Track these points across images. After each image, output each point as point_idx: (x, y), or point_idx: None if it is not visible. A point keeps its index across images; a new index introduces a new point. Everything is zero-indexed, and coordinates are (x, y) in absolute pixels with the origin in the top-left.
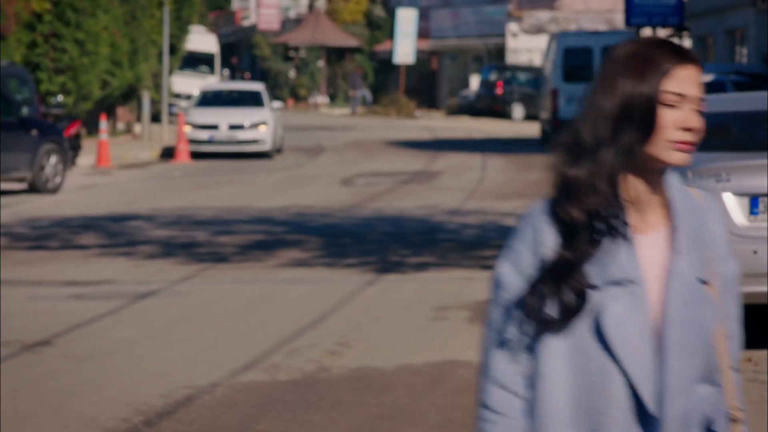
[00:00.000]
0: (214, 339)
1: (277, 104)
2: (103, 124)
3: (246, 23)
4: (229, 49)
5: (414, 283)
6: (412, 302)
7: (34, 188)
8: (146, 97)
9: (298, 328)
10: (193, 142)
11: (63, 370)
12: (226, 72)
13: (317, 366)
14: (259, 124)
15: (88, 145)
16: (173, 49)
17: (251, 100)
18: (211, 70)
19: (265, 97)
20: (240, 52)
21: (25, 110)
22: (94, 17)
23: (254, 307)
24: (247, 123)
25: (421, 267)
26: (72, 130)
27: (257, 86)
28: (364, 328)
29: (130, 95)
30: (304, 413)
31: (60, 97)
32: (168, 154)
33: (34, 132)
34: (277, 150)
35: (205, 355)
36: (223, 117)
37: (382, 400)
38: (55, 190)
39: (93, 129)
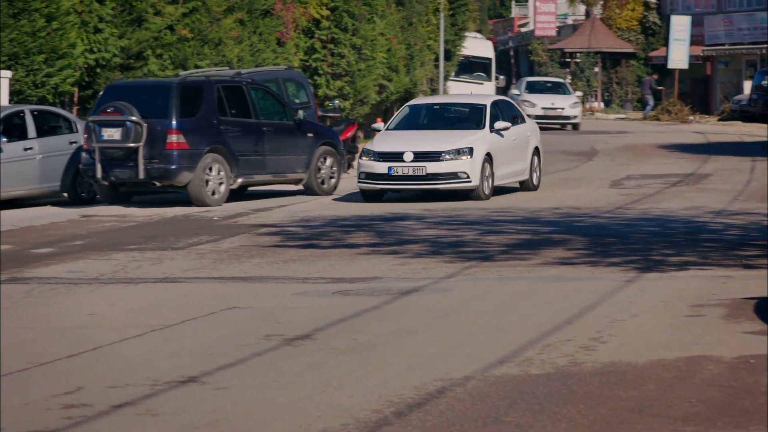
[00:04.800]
0: (472, 334)
1: (502, 124)
2: (379, 127)
3: (524, 30)
4: (506, 56)
5: (674, 281)
6: (670, 299)
7: (309, 190)
8: None
9: (555, 324)
10: (370, 177)
11: (323, 363)
12: (502, 78)
13: (570, 360)
14: (461, 154)
15: None
16: (449, 55)
17: (470, 120)
18: (488, 76)
19: (489, 115)
20: (518, 58)
21: (302, 114)
22: (371, 23)
23: (514, 303)
24: (442, 151)
25: (682, 266)
26: (348, 134)
27: (484, 100)
28: (619, 324)
29: (406, 99)
30: (553, 406)
31: (337, 102)
32: None
33: (311, 135)
34: (487, 188)
35: (461, 349)
36: (410, 143)
37: (631, 393)
38: (330, 192)
39: (370, 132)
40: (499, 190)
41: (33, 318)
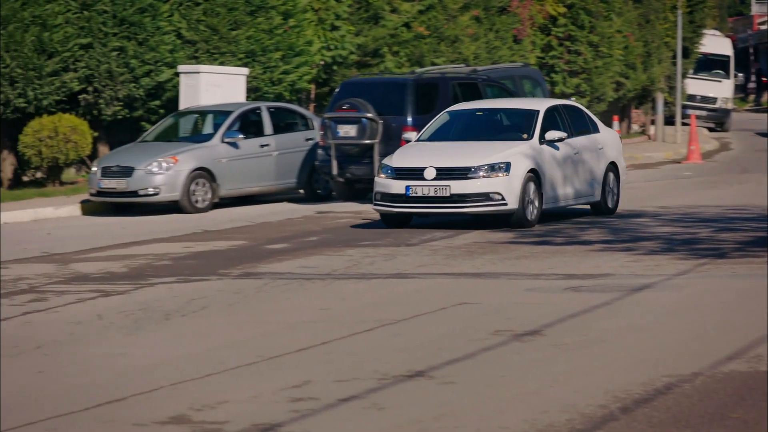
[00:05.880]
0: (701, 330)
1: (555, 134)
2: (616, 124)
3: (763, 28)
4: (745, 54)
5: None
6: None
7: None
8: (660, 99)
9: None
10: (386, 198)
11: (550, 358)
12: (741, 75)
13: None
14: (495, 170)
15: None
16: (686, 52)
17: (517, 129)
18: (726, 74)
19: (540, 122)
20: (757, 56)
21: None
22: (608, 20)
23: (746, 300)
24: (471, 167)
25: None
26: None
27: (538, 105)
28: None
29: (644, 97)
30: None
31: (573, 99)
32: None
33: None
34: (534, 213)
35: (690, 346)
36: (435, 158)
37: None
38: None
39: None
40: (561, 215)
41: (265, 312)
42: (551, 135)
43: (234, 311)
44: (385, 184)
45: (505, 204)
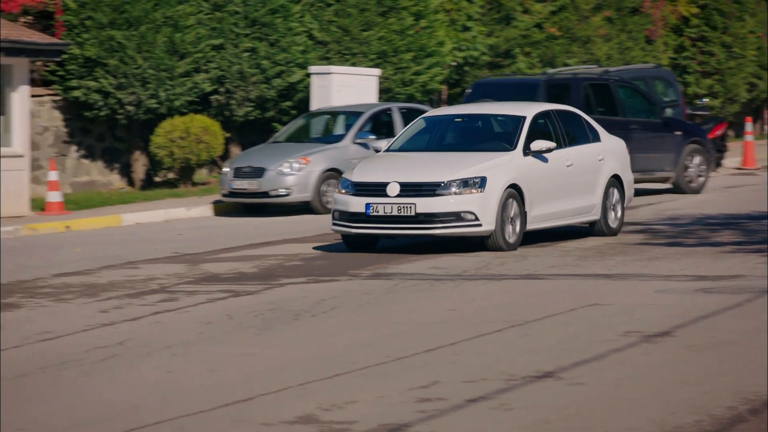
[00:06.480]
0: None
1: (542, 144)
2: (749, 125)
3: None
4: None
5: None
6: None
7: (677, 188)
8: None
9: None
10: (344, 217)
11: (680, 360)
12: None
13: None
14: (468, 186)
15: (734, 147)
16: None
17: (500, 138)
18: None
19: (526, 131)
20: None
21: (669, 111)
22: (741, 21)
23: None
24: (440, 182)
25: None
26: (718, 132)
27: (525, 111)
28: None
29: None
30: None
31: (705, 100)
32: None
33: (678, 133)
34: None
35: None
36: (401, 171)
37: None
38: (698, 190)
39: (741, 131)
40: (548, 236)
41: (394, 313)
42: (538, 145)
43: (363, 311)
44: (343, 201)
45: (479, 225)
